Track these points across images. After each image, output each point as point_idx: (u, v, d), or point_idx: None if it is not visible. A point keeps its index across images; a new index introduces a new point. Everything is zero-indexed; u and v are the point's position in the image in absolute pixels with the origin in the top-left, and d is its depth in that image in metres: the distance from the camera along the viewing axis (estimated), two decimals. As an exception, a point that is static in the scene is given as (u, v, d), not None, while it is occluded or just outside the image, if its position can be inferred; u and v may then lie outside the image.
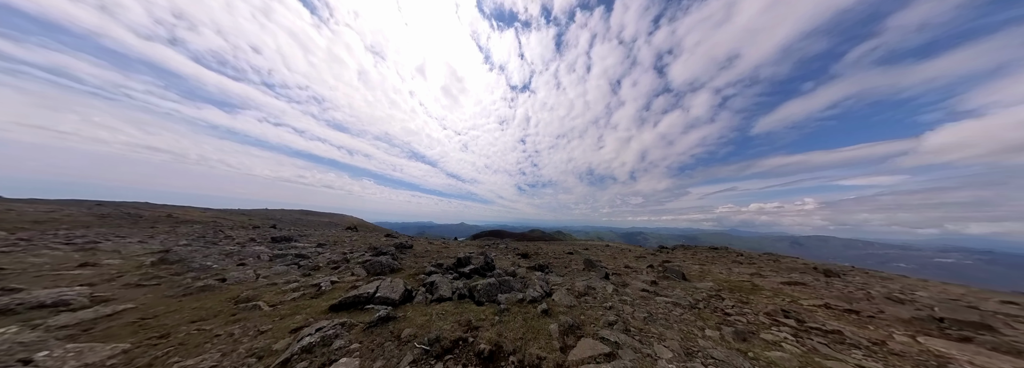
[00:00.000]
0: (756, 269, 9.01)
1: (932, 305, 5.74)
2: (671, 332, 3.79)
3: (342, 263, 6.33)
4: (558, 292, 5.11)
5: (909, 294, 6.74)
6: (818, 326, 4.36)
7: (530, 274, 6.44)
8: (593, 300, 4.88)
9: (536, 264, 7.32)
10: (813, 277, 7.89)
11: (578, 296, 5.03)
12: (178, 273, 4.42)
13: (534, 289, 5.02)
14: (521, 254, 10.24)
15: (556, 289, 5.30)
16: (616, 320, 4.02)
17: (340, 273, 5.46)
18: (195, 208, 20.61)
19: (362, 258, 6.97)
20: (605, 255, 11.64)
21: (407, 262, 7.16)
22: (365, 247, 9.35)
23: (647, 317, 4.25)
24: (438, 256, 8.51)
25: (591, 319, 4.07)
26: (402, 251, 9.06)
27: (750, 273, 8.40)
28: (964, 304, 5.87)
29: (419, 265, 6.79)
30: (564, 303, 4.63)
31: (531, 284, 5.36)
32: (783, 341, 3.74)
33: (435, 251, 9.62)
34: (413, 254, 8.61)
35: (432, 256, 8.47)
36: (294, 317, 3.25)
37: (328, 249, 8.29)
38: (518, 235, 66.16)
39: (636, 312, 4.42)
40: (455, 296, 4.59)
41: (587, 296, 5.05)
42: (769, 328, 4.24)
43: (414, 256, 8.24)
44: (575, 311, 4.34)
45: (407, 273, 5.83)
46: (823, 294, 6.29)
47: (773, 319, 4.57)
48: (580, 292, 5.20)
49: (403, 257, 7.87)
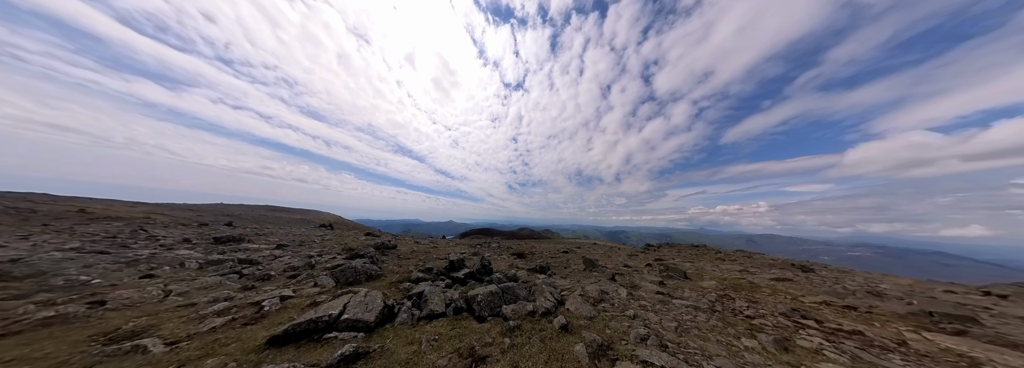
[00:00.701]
0: (741, 266, 9.10)
1: (902, 297, 5.95)
2: (711, 345, 3.15)
3: (304, 270, 4.91)
4: (571, 299, 4.30)
5: (876, 287, 7.05)
6: (837, 327, 4.06)
7: (532, 277, 5.57)
8: (612, 307, 4.14)
9: (536, 265, 6.48)
10: (793, 273, 8.06)
11: (594, 303, 4.26)
12: (20, 295, 2.77)
13: (544, 297, 4.16)
14: (516, 254, 9.34)
15: (567, 295, 4.50)
16: (647, 333, 3.30)
17: (299, 284, 4.11)
18: (123, 202, 16.67)
19: (332, 262, 5.58)
20: (599, 254, 11.19)
21: (389, 266, 5.89)
22: (339, 248, 7.79)
23: (677, 327, 3.60)
24: (426, 258, 7.30)
25: (618, 333, 3.31)
26: (384, 252, 7.68)
27: (739, 270, 8.39)
28: (928, 296, 6.18)
29: (404, 270, 5.58)
30: (582, 313, 3.83)
31: (538, 291, 4.49)
32: (822, 348, 3.29)
33: (422, 252, 8.35)
34: (397, 256, 7.29)
35: (419, 258, 7.23)
36: (202, 363, 2.01)
37: (290, 251, 6.65)
38: (507, 233, 65.18)
39: (663, 321, 3.76)
40: (450, 310, 3.56)
41: (604, 303, 4.30)
42: (797, 332, 3.83)
43: (398, 258, 6.94)
44: (597, 324, 3.55)
45: (388, 281, 4.63)
46: (814, 290, 6.27)
47: (793, 321, 4.20)
48: (595, 298, 4.43)
49: (384, 260, 6.56)
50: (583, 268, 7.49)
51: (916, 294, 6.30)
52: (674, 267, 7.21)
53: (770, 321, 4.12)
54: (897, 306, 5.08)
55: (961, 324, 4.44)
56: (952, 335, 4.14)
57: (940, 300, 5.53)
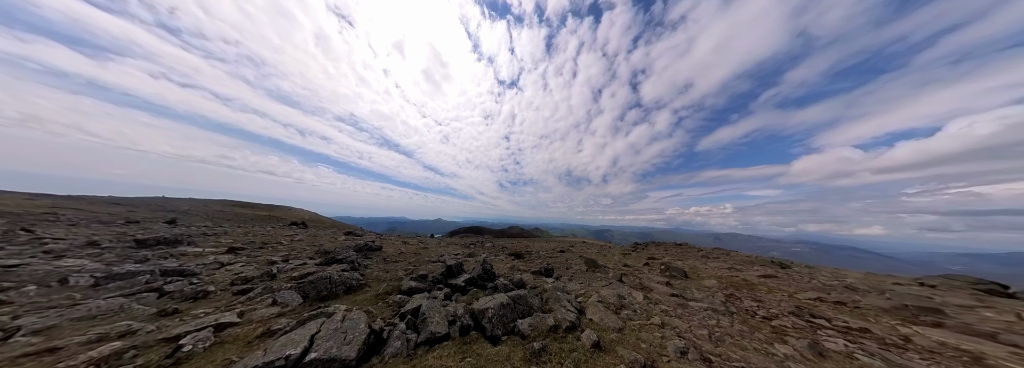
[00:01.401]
0: (727, 263, 9.36)
1: (871, 290, 6.35)
2: (751, 355, 2.78)
3: (261, 282, 3.77)
4: (591, 307, 3.75)
5: (844, 281, 7.53)
6: (846, 325, 3.99)
7: (540, 282, 4.95)
8: (635, 315, 3.66)
9: (541, 268, 5.88)
10: (773, 269, 8.41)
11: (616, 310, 3.75)
12: None
13: (562, 307, 3.56)
14: (514, 254, 8.66)
15: (584, 303, 3.95)
16: (685, 346, 2.84)
17: (251, 303, 3.04)
18: (19, 194, 13.01)
19: (300, 270, 4.44)
20: (594, 252, 10.94)
21: (374, 272, 4.89)
22: (311, 251, 6.50)
23: (709, 335, 3.20)
24: (417, 260, 6.34)
25: (655, 347, 2.82)
26: (367, 255, 6.56)
27: (727, 268, 8.56)
28: (889, 289, 6.68)
29: (392, 277, 4.65)
30: (608, 324, 3.28)
31: (552, 298, 3.88)
32: (852, 351, 3.09)
33: (412, 253, 7.33)
34: (383, 259, 6.23)
35: (409, 261, 6.25)
36: None
37: (245, 256, 5.28)
38: (497, 232, 64.05)
39: (692, 328, 3.35)
40: (455, 330, 2.82)
41: (625, 309, 3.81)
42: (815, 332, 3.66)
43: (384, 262, 5.91)
44: (628, 336, 3.03)
45: (373, 293, 3.71)
46: (801, 286, 6.44)
47: (806, 320, 4.07)
48: (615, 304, 3.93)
49: (368, 264, 5.51)
50: (585, 269, 7.05)
51: (879, 287, 6.77)
52: (675, 266, 7.06)
53: (787, 322, 3.93)
54: (878, 300, 5.29)
55: (934, 316, 4.68)
56: (933, 327, 4.30)
57: (904, 293, 5.94)
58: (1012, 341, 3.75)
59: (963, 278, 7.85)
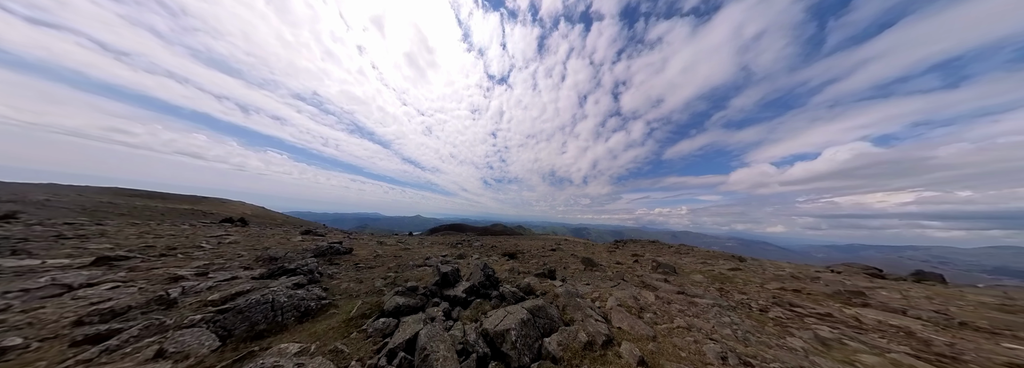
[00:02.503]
0: (699, 258, 10.27)
1: (804, 277, 7.51)
2: (781, 353, 2.70)
3: (142, 316, 2.38)
4: (614, 313, 3.37)
5: (783, 271, 8.85)
6: (816, 311, 4.41)
7: (548, 285, 4.43)
8: (656, 317, 3.39)
9: (544, 269, 5.38)
10: (736, 263, 9.47)
11: (638, 314, 3.43)
12: None
13: (586, 316, 3.09)
14: (507, 254, 8.02)
15: (603, 308, 3.55)
16: (722, 350, 2.63)
17: (111, 359, 1.76)
18: None
19: (225, 290, 3.06)
20: (580, 249, 10.97)
21: (343, 284, 3.73)
22: (249, 258, 4.78)
23: (733, 335, 3.07)
24: (398, 265, 5.22)
25: (696, 355, 2.53)
26: (333, 261, 5.16)
27: (700, 262, 9.34)
28: (816, 276, 8.02)
29: (368, 289, 3.58)
30: (639, 332, 2.92)
31: (570, 306, 3.39)
32: (838, 338, 3.30)
33: (391, 256, 6.09)
34: (354, 265, 4.95)
35: (388, 266, 5.10)
36: None
37: (127, 271, 3.48)
38: (481, 229, 61.82)
39: (716, 328, 3.21)
40: (471, 364, 2.09)
41: (645, 312, 3.53)
42: (801, 320, 3.91)
43: (356, 269, 4.68)
44: (664, 345, 2.70)
45: (342, 317, 2.69)
46: (764, 276, 7.25)
47: (789, 310, 4.38)
48: (635, 307, 3.62)
49: (334, 273, 4.25)
50: (583, 268, 6.80)
51: (809, 275, 8.08)
52: (664, 263, 7.30)
53: (779, 312, 4.15)
54: (819, 287, 6.17)
55: (861, 298, 5.60)
56: (864, 307, 5.09)
57: (830, 279, 7.14)
58: (916, 315, 4.61)
59: (855, 265, 10.02)
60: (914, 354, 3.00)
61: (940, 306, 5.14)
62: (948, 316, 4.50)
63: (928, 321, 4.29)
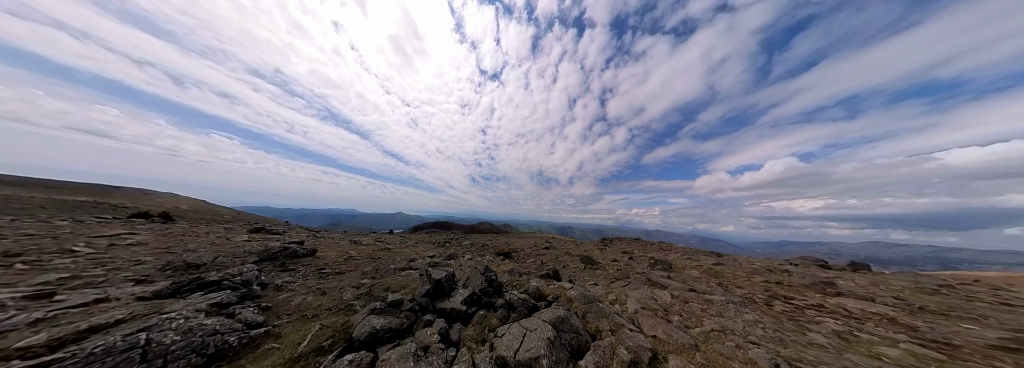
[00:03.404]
0: (685, 255, 10.70)
1: (777, 272, 8.16)
2: (821, 354, 2.48)
3: None
4: (643, 319, 2.93)
5: (754, 265, 9.58)
6: (807, 302, 4.54)
7: (555, 288, 3.89)
8: (685, 320, 3.05)
9: (546, 270, 4.83)
10: (715, 259, 10.02)
11: (665, 317, 3.04)
12: None
13: (615, 325, 2.60)
14: (501, 253, 7.36)
15: (627, 312, 3.10)
16: (770, 356, 2.32)
17: None
18: None
19: (59, 329, 1.91)
20: (572, 247, 10.73)
21: (296, 298, 2.73)
22: (154, 266, 3.35)
23: (766, 335, 2.83)
24: (376, 269, 4.21)
25: (746, 365, 2.17)
26: (288, 266, 3.96)
27: (686, 258, 9.68)
28: (787, 269, 8.78)
29: (331, 305, 2.65)
30: (679, 340, 2.51)
31: (593, 313, 2.91)
32: (850, 331, 3.29)
33: (366, 258, 5.00)
34: (316, 271, 3.84)
35: (362, 271, 4.09)
36: None
37: None
38: (467, 227, 59.28)
39: (748, 329, 2.96)
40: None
41: (672, 314, 3.17)
42: (802, 312, 3.93)
43: (318, 276, 3.61)
44: (710, 354, 2.32)
45: (285, 355, 1.78)
46: (748, 270, 7.62)
47: (788, 303, 4.43)
48: (659, 310, 3.24)
49: (288, 282, 3.18)
50: (583, 266, 6.43)
51: (778, 269, 8.82)
52: (661, 259, 7.27)
53: (785, 307, 4.13)
54: (796, 279, 6.62)
55: (833, 288, 6.09)
56: (839, 296, 5.49)
57: (800, 272, 7.81)
58: (883, 301, 5.06)
59: (808, 258, 11.37)
60: (918, 343, 3.06)
61: (891, 292, 5.78)
62: (906, 301, 5.00)
63: (895, 307, 4.69)
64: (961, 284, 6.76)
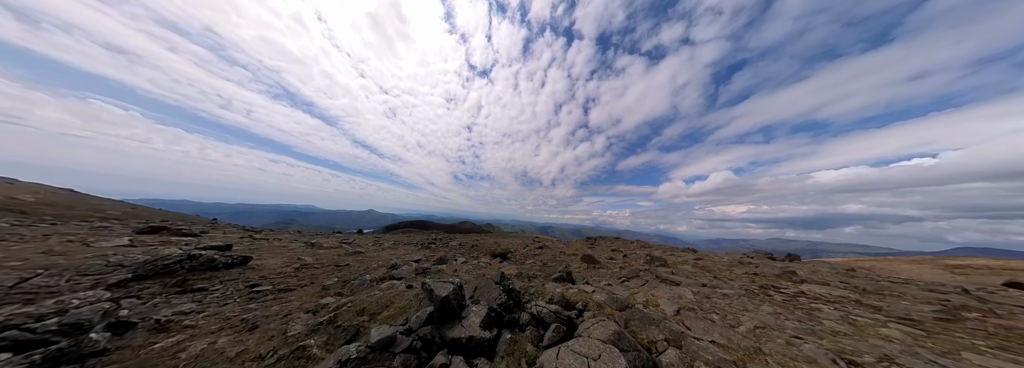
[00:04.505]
0: (668, 252, 11.42)
1: (744, 264, 9.24)
2: (859, 344, 2.48)
3: None
4: (686, 319, 2.62)
5: (724, 259, 10.75)
6: (791, 290, 4.98)
7: (576, 293, 3.40)
8: (725, 319, 2.86)
9: (560, 273, 4.34)
10: (693, 254, 10.93)
11: (705, 317, 2.80)
12: None
13: (673, 334, 2.24)
14: (497, 255, 6.65)
15: (672, 316, 2.78)
16: (828, 353, 2.20)
17: None
18: None
19: None
20: (561, 246, 10.57)
21: (194, 346, 1.62)
22: None
23: (802, 328, 2.80)
24: (342, 282, 3.10)
25: (813, 365, 1.97)
26: (190, 286, 2.57)
27: (670, 254, 10.30)
28: (755, 260, 10.01)
29: (264, 349, 1.64)
30: (740, 343, 2.26)
31: (638, 321, 2.49)
32: (846, 315, 3.56)
33: (327, 266, 3.74)
34: (243, 290, 2.57)
35: (320, 284, 2.95)
36: None
37: None
38: (448, 226, 54.93)
39: (783, 323, 2.89)
40: None
41: (709, 313, 2.96)
42: (796, 299, 4.22)
43: (248, 298, 2.40)
44: (777, 357, 2.07)
45: None
46: (729, 263, 8.35)
47: (780, 292, 4.77)
48: (697, 309, 3.00)
49: (189, 312, 1.94)
50: (586, 266, 6.14)
51: (743, 261, 10.02)
52: (657, 256, 7.44)
53: (783, 296, 4.38)
54: (766, 269, 7.45)
55: (797, 276, 6.98)
56: (806, 283, 6.28)
57: (760, 262, 8.93)
58: (836, 285, 5.93)
59: (760, 252, 13.38)
60: (895, 321, 3.44)
61: (829, 277, 6.89)
62: (851, 284, 5.95)
63: (847, 289, 5.50)
64: (857, 268, 8.42)
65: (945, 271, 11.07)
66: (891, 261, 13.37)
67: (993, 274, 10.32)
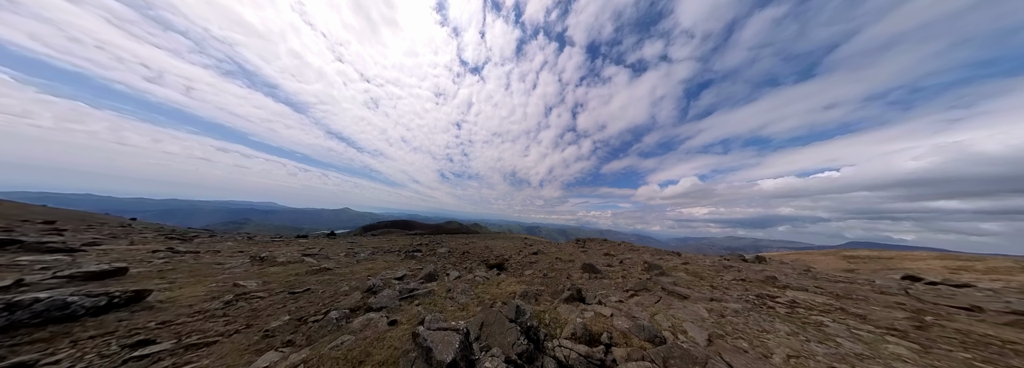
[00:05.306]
0: (655, 255, 11.77)
1: (724, 268, 9.83)
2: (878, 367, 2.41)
3: None
4: (724, 353, 2.35)
5: (705, 261, 11.40)
6: (784, 299, 5.17)
7: (592, 318, 3.02)
8: (755, 346, 2.67)
9: (569, 291, 3.94)
10: (677, 258, 11.40)
11: (734, 344, 2.56)
12: None
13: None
14: (492, 265, 6.10)
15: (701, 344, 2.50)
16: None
17: None
18: None
19: None
20: (554, 250, 10.36)
21: None
22: None
23: (825, 353, 2.69)
24: (297, 322, 2.31)
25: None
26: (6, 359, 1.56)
27: (658, 258, 10.59)
28: (732, 263, 10.70)
29: None
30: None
31: (678, 359, 2.18)
32: (850, 328, 3.66)
33: (275, 296, 2.85)
34: (112, 361, 1.64)
35: (259, 328, 2.13)
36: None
37: None
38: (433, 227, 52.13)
39: (801, 346, 2.75)
40: None
41: (737, 338, 2.74)
42: (794, 310, 4.32)
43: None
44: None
45: None
46: (715, 268, 8.72)
47: (779, 303, 4.90)
48: (726, 336, 2.77)
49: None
50: (588, 276, 5.87)
51: (721, 265, 10.67)
52: (653, 264, 7.46)
53: (784, 309, 4.45)
54: (750, 274, 7.89)
55: (778, 282, 7.46)
56: (786, 288, 6.69)
57: (739, 266, 9.55)
58: (815, 290, 6.40)
59: (734, 254, 14.54)
60: (885, 332, 3.60)
61: (798, 279, 7.49)
62: (822, 288, 6.46)
63: (824, 294, 5.93)
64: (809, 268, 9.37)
65: (844, 261, 14.12)
66: (810, 254, 16.45)
67: (875, 262, 13.34)
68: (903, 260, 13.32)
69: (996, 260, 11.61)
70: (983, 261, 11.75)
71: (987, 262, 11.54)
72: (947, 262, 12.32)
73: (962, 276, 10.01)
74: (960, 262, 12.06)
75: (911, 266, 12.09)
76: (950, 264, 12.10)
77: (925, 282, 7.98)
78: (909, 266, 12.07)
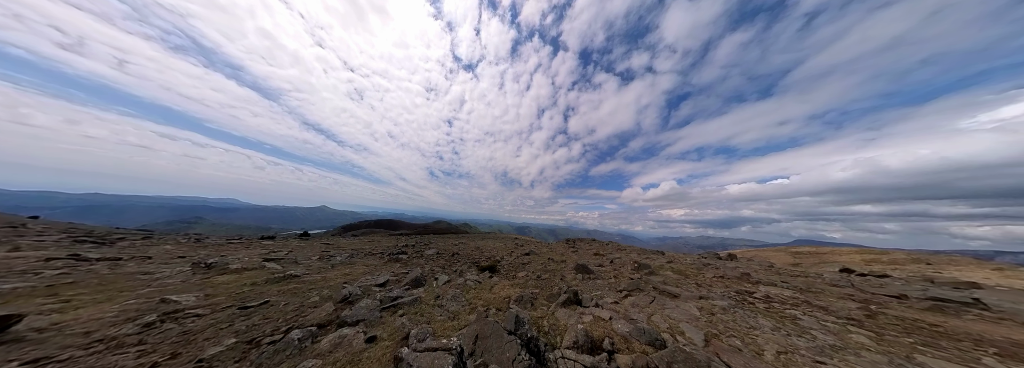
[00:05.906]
0: (643, 255, 12.26)
1: (706, 265, 10.53)
2: (851, 357, 2.61)
3: None
4: (722, 353, 2.39)
5: (686, 260, 12.13)
6: (759, 294, 5.59)
7: (592, 321, 2.98)
8: (747, 344, 2.78)
9: (566, 294, 3.86)
10: (662, 258, 12.00)
11: (729, 343, 2.64)
12: None
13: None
14: (484, 268, 5.89)
15: (695, 344, 2.53)
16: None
17: None
18: None
19: None
20: (545, 250, 10.38)
21: None
22: None
23: (808, 346, 2.87)
24: (247, 346, 1.91)
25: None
26: None
27: (645, 258, 11.05)
28: (712, 261, 11.46)
29: None
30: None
31: (681, 363, 2.18)
32: (821, 321, 3.99)
33: (215, 318, 2.40)
34: None
35: (186, 361, 1.67)
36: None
37: None
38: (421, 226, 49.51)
39: (785, 340, 2.92)
40: None
41: (730, 337, 2.83)
42: (770, 305, 4.66)
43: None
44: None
45: None
46: (698, 266, 9.25)
47: (757, 299, 5.26)
48: (719, 334, 2.85)
49: None
50: (581, 277, 5.89)
51: (699, 262, 11.43)
52: (643, 263, 7.69)
53: (762, 305, 4.78)
54: (726, 271, 8.49)
55: (751, 278, 8.09)
56: (758, 284, 7.28)
57: (717, 264, 10.27)
58: (784, 286, 7.03)
59: (709, 252, 15.69)
60: (857, 331, 4.00)
61: (766, 275, 8.24)
62: (788, 283, 7.13)
63: (791, 289, 6.53)
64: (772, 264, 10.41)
65: (791, 257, 16.65)
66: (765, 251, 19.03)
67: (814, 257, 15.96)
68: (834, 255, 15.98)
69: (895, 253, 15.12)
70: (887, 254, 15.05)
71: (890, 255, 14.89)
72: (864, 256, 15.21)
73: (873, 267, 12.26)
74: (871, 256, 15.13)
75: (840, 260, 14.48)
76: (866, 257, 14.93)
77: (857, 274, 9.24)
78: (839, 260, 14.47)
